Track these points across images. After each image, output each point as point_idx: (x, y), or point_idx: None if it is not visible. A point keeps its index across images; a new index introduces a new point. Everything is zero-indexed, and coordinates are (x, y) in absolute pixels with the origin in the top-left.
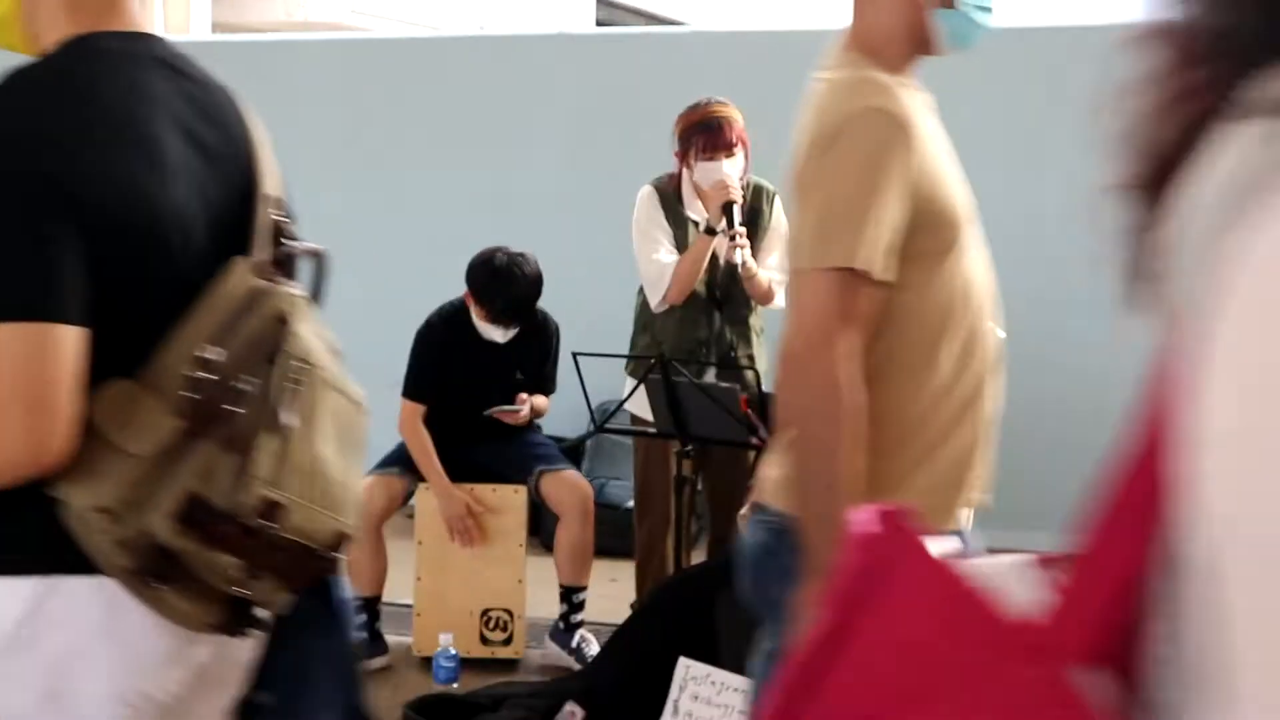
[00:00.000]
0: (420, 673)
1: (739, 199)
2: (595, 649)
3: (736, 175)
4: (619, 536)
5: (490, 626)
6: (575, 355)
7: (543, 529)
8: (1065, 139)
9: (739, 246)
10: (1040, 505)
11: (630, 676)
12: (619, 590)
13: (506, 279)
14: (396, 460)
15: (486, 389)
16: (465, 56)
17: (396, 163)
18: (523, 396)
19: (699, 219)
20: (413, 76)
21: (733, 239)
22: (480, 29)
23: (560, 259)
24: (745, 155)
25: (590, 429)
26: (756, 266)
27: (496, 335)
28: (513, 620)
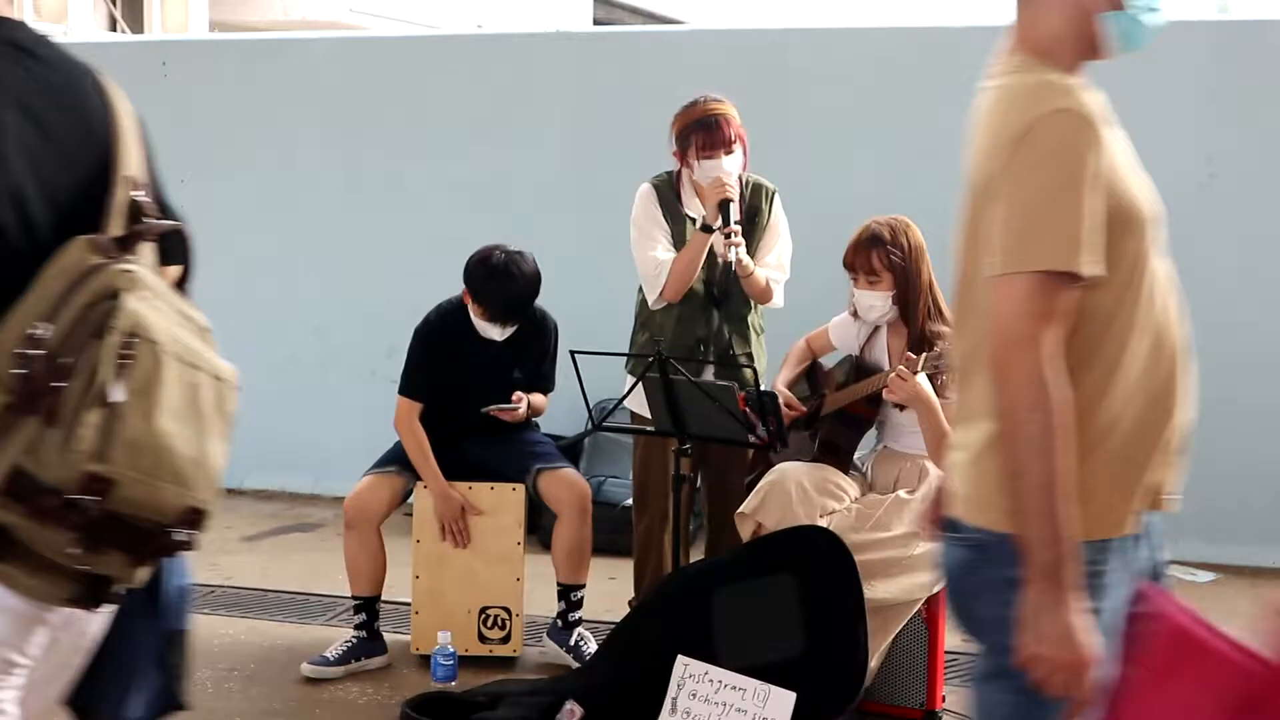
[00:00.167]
0: (419, 671)
1: (735, 196)
2: (593, 647)
3: (736, 172)
4: (617, 534)
5: (488, 625)
6: (573, 353)
7: (541, 527)
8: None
9: (734, 244)
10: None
11: (628, 674)
12: (617, 588)
13: (505, 277)
14: (395, 459)
15: (485, 387)
16: (463, 55)
17: (394, 161)
18: (519, 395)
19: (697, 216)
20: (410, 75)
21: (728, 236)
22: (478, 27)
23: (558, 257)
24: (744, 151)
25: (588, 427)
26: (752, 264)
27: (494, 333)
28: (511, 618)
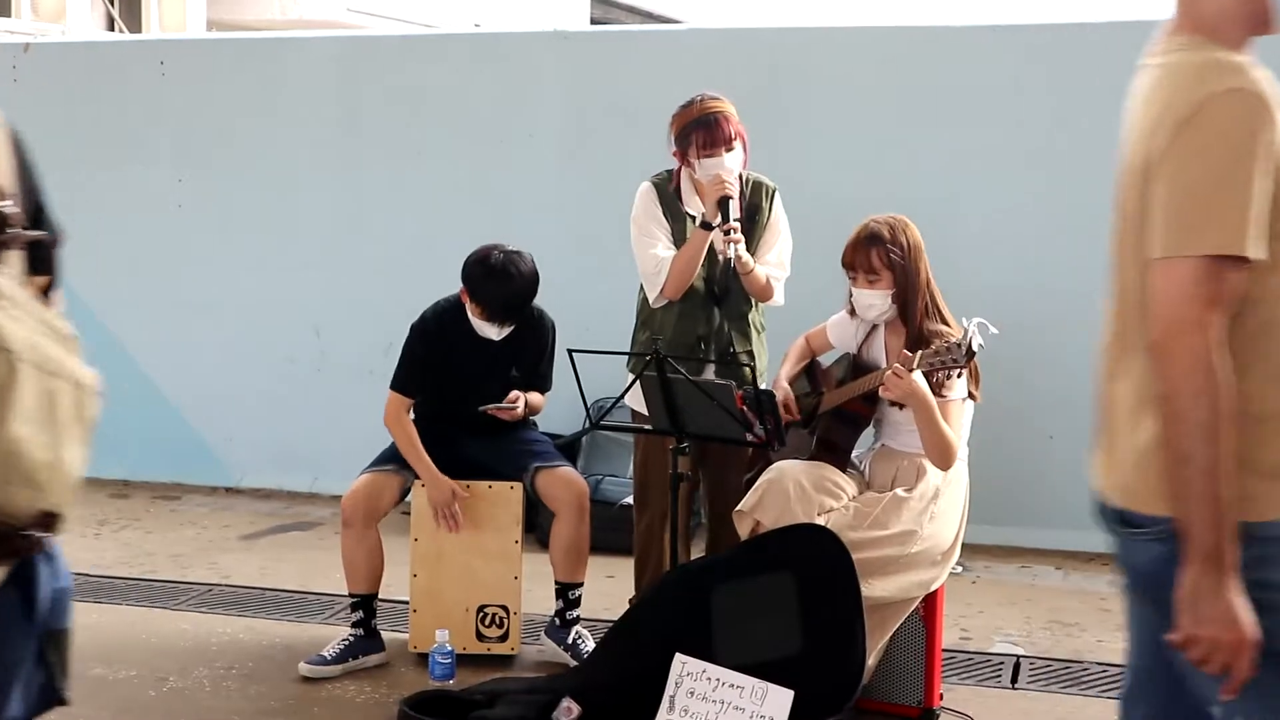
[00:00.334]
0: (416, 669)
1: (735, 193)
2: (591, 645)
3: (737, 169)
4: (615, 533)
5: (486, 623)
6: (570, 352)
7: (538, 526)
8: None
9: (733, 241)
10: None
11: (626, 672)
12: (615, 587)
13: (503, 277)
14: (392, 457)
15: (482, 386)
16: (460, 54)
17: (391, 160)
18: (515, 394)
19: (697, 214)
20: (408, 74)
21: (728, 233)
22: (475, 26)
23: (556, 257)
24: (744, 149)
25: (586, 426)
26: (752, 261)
27: (492, 333)
28: (509, 616)
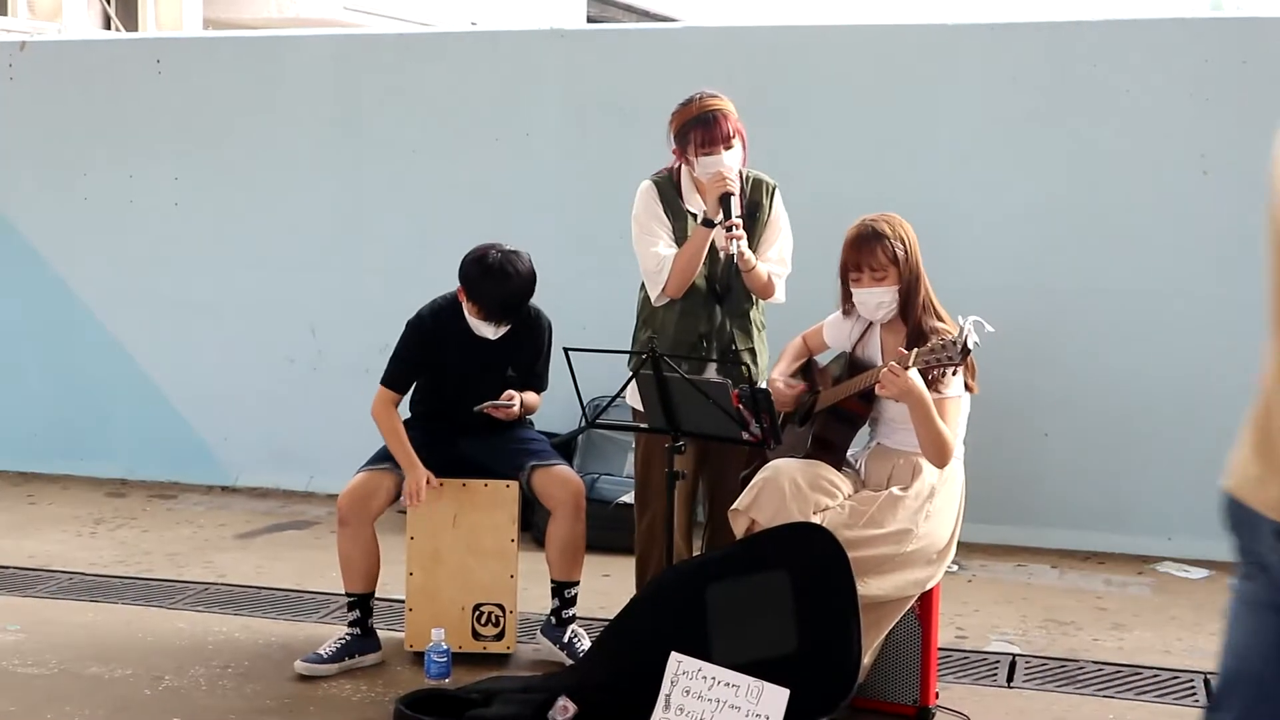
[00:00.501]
0: (412, 668)
1: (736, 190)
2: (587, 644)
3: (736, 167)
4: (611, 532)
5: (482, 622)
6: (566, 350)
7: (534, 524)
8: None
9: (736, 238)
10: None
11: (622, 671)
12: (611, 585)
13: (500, 276)
14: (388, 455)
15: (478, 385)
16: (457, 52)
17: (388, 159)
18: (510, 393)
19: (698, 212)
20: (404, 72)
21: (729, 230)
22: (472, 25)
23: (552, 256)
24: (743, 146)
25: (582, 424)
26: (755, 259)
27: (488, 332)
28: (505, 615)
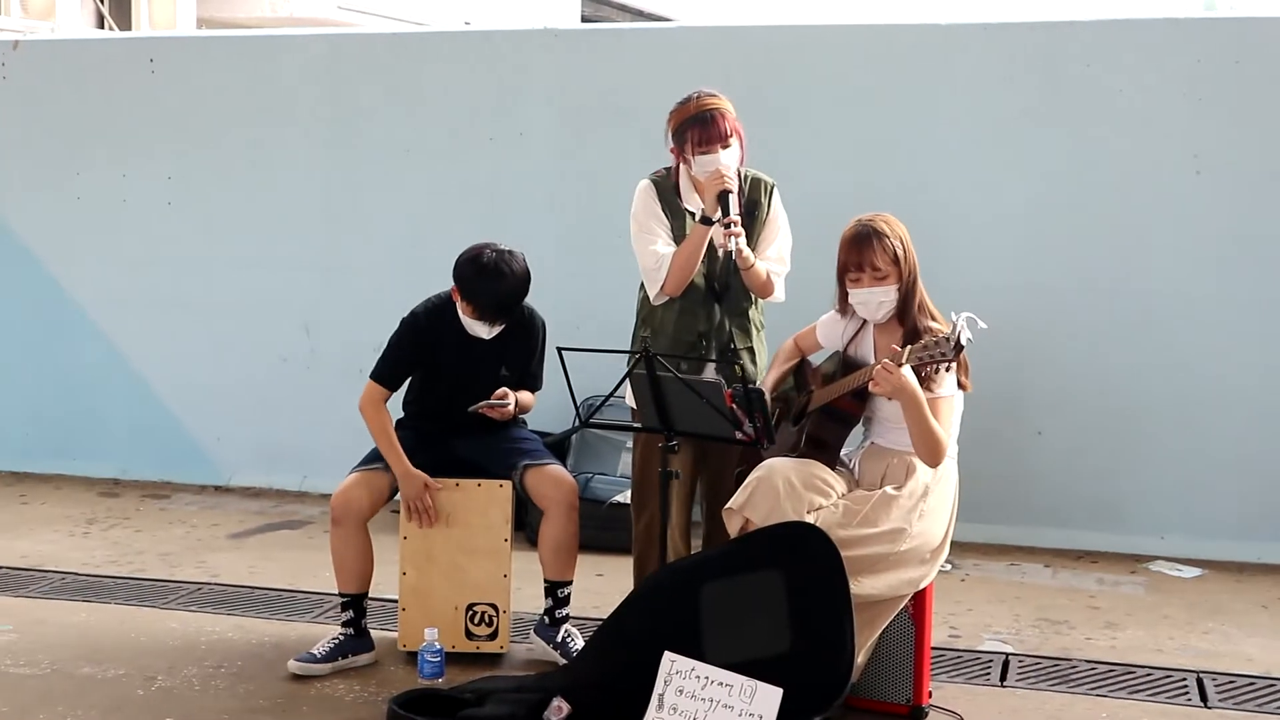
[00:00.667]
0: (406, 667)
1: (734, 188)
2: (580, 644)
3: (734, 165)
4: (604, 531)
5: (475, 621)
6: (560, 350)
7: (528, 524)
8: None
9: (734, 235)
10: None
11: (615, 671)
12: (604, 585)
13: (494, 276)
14: (381, 456)
15: (471, 384)
16: (451, 52)
17: (382, 158)
18: (505, 392)
19: (696, 211)
20: (397, 72)
21: (727, 227)
22: (466, 24)
23: (547, 255)
24: (740, 145)
25: (575, 424)
26: (754, 257)
27: (482, 331)
28: (498, 615)
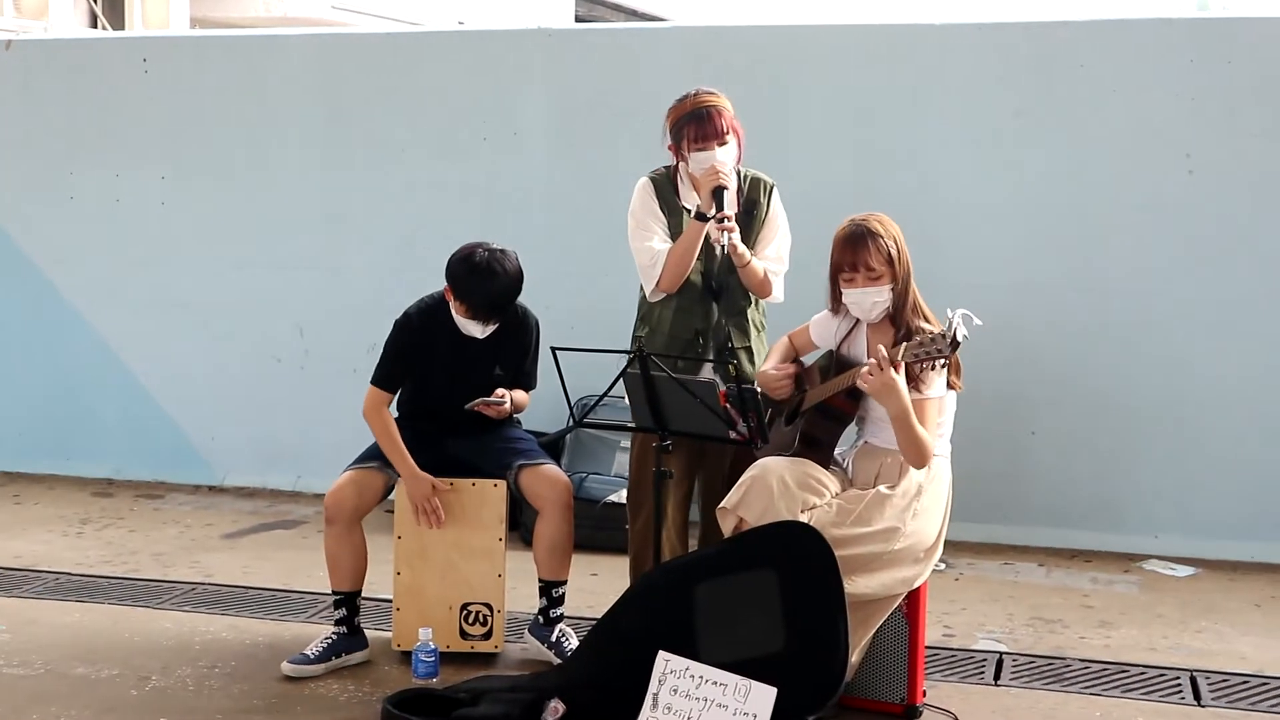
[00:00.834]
0: (400, 667)
1: (729, 184)
2: (574, 643)
3: (730, 163)
4: (599, 531)
5: (470, 621)
6: (554, 350)
7: (522, 524)
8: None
9: (727, 229)
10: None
11: (610, 670)
12: (598, 585)
13: (487, 275)
14: (375, 455)
15: (466, 384)
16: (444, 52)
17: (376, 158)
18: (501, 390)
19: (694, 208)
20: (392, 72)
21: (720, 222)
22: (459, 24)
23: (540, 255)
24: (738, 143)
25: (570, 424)
26: (748, 252)
27: (476, 331)
28: (492, 614)
